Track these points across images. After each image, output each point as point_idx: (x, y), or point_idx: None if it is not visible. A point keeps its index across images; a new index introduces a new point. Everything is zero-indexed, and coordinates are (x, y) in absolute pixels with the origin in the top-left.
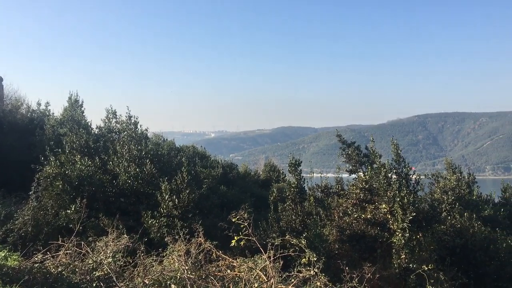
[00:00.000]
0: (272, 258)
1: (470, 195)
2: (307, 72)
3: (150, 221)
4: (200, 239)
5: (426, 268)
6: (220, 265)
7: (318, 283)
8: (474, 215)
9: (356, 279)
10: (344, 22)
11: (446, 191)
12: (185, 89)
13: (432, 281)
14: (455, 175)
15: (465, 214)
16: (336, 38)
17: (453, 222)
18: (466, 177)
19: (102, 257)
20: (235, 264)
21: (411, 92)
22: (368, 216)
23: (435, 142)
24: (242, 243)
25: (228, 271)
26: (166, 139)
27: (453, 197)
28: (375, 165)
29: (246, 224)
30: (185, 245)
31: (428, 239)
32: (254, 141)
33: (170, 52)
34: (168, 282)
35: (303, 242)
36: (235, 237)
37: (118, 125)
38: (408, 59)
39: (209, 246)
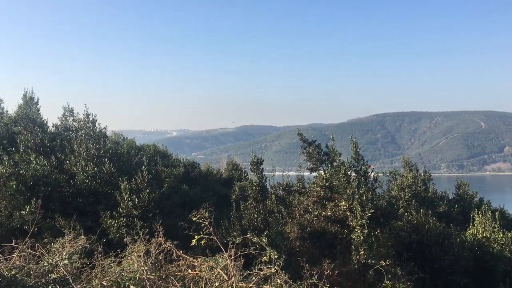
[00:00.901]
0: (233, 257)
1: (426, 192)
2: (270, 71)
3: (109, 222)
4: (160, 239)
5: (384, 264)
6: (180, 264)
7: (279, 281)
8: (430, 211)
9: (316, 276)
10: (306, 21)
11: (403, 188)
12: (146, 87)
13: (389, 276)
14: (411, 173)
15: (421, 210)
16: (297, 38)
17: (409, 218)
18: (422, 174)
19: (58, 259)
20: (195, 264)
21: (371, 92)
22: (328, 214)
23: (393, 140)
24: (203, 242)
25: (189, 270)
26: (126, 138)
27: (409, 194)
28: (335, 163)
29: (207, 223)
30: (145, 246)
31: (385, 235)
32: (216, 140)
33: (130, 49)
34: (127, 283)
35: (264, 240)
36: (196, 236)
37: (76, 123)
38: (366, 60)
39: (170, 246)
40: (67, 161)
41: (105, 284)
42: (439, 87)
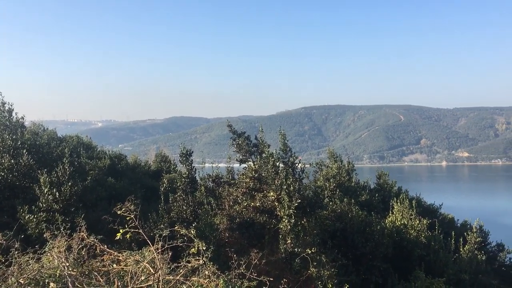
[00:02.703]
0: (160, 250)
1: (350, 182)
2: (200, 62)
3: (27, 217)
4: (82, 233)
5: (309, 252)
6: (105, 259)
7: (207, 272)
8: (353, 200)
9: (244, 266)
10: (236, 13)
11: (328, 178)
12: (69, 75)
13: (315, 263)
14: (336, 164)
15: (345, 199)
16: (227, 30)
17: (334, 207)
18: (346, 165)
19: None
20: (121, 258)
21: (299, 85)
22: (257, 204)
23: (320, 132)
24: (128, 236)
25: (114, 265)
26: (47, 129)
27: (334, 184)
28: (264, 155)
29: (132, 216)
30: (66, 241)
31: (311, 224)
32: (145, 131)
33: (50, 35)
34: (47, 281)
35: (192, 232)
36: (121, 230)
37: None
38: (294, 54)
39: (93, 241)
40: None
41: (22, 282)
42: (362, 82)
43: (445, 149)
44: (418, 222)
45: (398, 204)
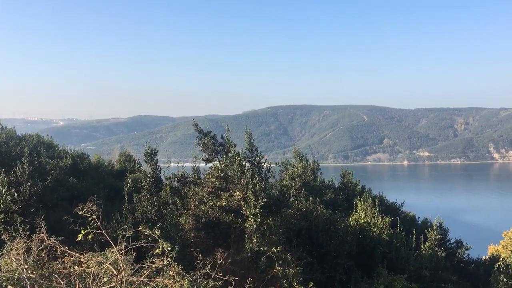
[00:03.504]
0: (123, 251)
1: (315, 181)
2: (166, 60)
3: None
4: (42, 235)
5: (275, 250)
6: (65, 261)
7: (171, 273)
8: (318, 199)
9: (209, 265)
10: (197, 13)
11: (294, 177)
12: (29, 73)
13: (280, 262)
14: (302, 163)
15: (310, 198)
16: (190, 29)
17: (299, 206)
18: (311, 164)
19: None
20: (82, 260)
21: (266, 85)
22: (223, 204)
23: (286, 132)
24: (90, 237)
25: (75, 267)
26: (5, 127)
27: (300, 183)
28: (230, 154)
29: (94, 216)
30: (25, 243)
31: (277, 223)
32: (108, 130)
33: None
34: (5, 284)
35: (157, 232)
36: (82, 231)
37: None
38: (260, 53)
39: (53, 242)
40: None
41: None
42: (327, 82)
43: (406, 149)
44: (380, 220)
45: (362, 202)
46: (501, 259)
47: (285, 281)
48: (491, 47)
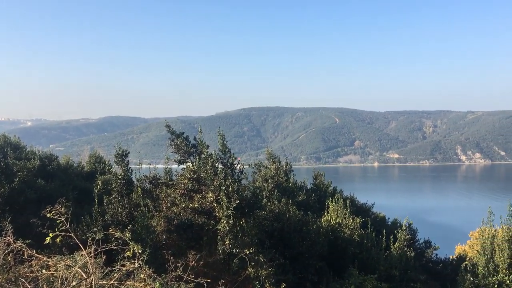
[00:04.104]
0: (93, 254)
1: (287, 182)
2: (138, 59)
3: None
4: (9, 238)
5: (247, 252)
6: (33, 265)
7: (142, 275)
8: (290, 201)
9: (181, 268)
10: (168, 14)
11: (267, 179)
12: None
13: (253, 263)
14: (274, 165)
15: (283, 199)
16: (164, 32)
17: (272, 207)
18: (284, 166)
19: None
20: (50, 263)
21: (239, 87)
22: (196, 205)
23: (259, 134)
24: (58, 240)
25: (43, 271)
26: None
27: (272, 185)
28: (202, 156)
29: (63, 219)
30: None
31: (250, 225)
32: (78, 131)
33: None
34: None
35: (127, 234)
36: (51, 234)
37: None
38: (233, 55)
39: (20, 246)
40: None
41: None
42: (300, 84)
43: (377, 151)
44: (351, 221)
45: (333, 203)
46: (468, 258)
47: (257, 282)
48: (458, 51)
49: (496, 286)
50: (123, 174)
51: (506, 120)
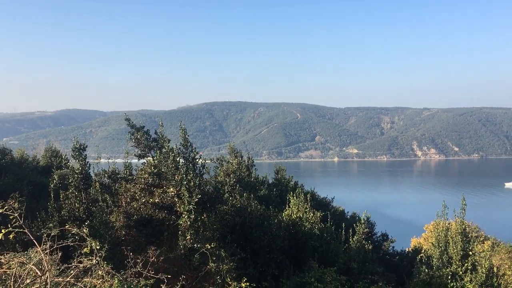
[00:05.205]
0: (48, 250)
1: (249, 177)
2: (98, 52)
3: None
4: None
5: (209, 247)
6: None
7: (100, 272)
8: (252, 195)
9: (141, 264)
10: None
11: (229, 174)
12: None
13: (214, 258)
14: (236, 159)
15: (244, 194)
16: (131, 22)
17: (234, 202)
18: (246, 161)
19: None
20: (3, 261)
21: (202, 81)
22: (156, 200)
23: (221, 128)
24: (11, 236)
25: None
26: None
27: (234, 179)
28: (164, 150)
29: (17, 215)
30: None
31: (211, 219)
32: (34, 124)
33: None
34: None
35: (85, 230)
36: (3, 230)
37: None
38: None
39: None
40: None
41: None
42: (262, 79)
43: (337, 146)
44: (312, 215)
45: (294, 198)
46: (423, 251)
47: (218, 277)
48: (416, 51)
49: (449, 277)
50: (80, 168)
51: (460, 117)
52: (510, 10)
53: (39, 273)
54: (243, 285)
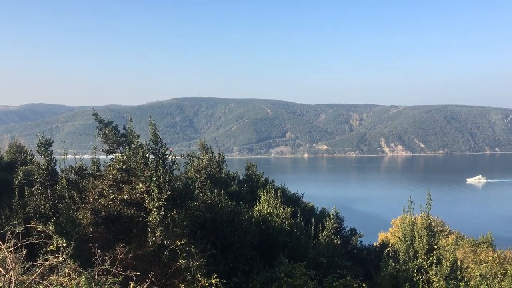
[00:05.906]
0: (13, 248)
1: (220, 173)
2: (64, 45)
3: None
4: None
5: (179, 243)
6: None
7: (67, 270)
8: (223, 191)
9: (109, 261)
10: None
11: (199, 170)
12: None
13: (184, 254)
14: (207, 155)
15: (215, 190)
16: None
17: (204, 198)
18: (217, 156)
19: None
20: None
21: (172, 76)
22: (125, 197)
23: (191, 124)
24: None
25: None
26: None
27: (205, 175)
28: (133, 146)
29: None
30: None
31: (182, 216)
32: None
33: None
34: None
35: (51, 228)
36: None
37: None
38: (168, 46)
39: None
40: None
41: None
42: (233, 75)
43: (307, 142)
44: (282, 210)
45: (265, 194)
46: (390, 245)
47: (188, 274)
48: (383, 49)
49: (415, 270)
50: (46, 164)
51: (426, 114)
52: (469, 8)
53: (2, 271)
54: (213, 281)
